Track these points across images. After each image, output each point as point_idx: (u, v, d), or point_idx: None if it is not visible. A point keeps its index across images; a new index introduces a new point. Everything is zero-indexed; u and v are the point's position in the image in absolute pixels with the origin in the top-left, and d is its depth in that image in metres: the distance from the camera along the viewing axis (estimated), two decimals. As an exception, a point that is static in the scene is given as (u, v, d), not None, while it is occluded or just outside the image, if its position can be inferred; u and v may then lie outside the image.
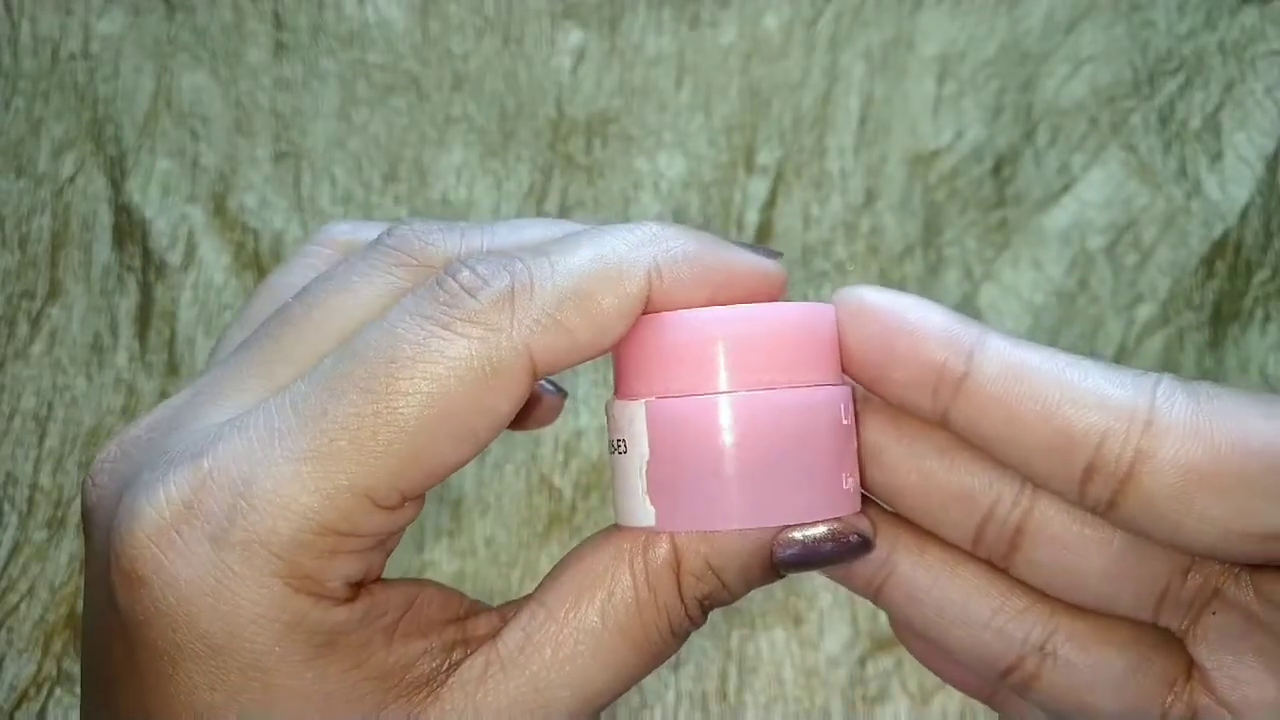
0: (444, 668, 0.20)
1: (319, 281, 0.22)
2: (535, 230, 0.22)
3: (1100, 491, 0.19)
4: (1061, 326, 0.47)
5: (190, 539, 0.18)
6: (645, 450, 0.20)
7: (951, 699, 0.43)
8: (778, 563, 0.20)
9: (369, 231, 0.24)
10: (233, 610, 0.18)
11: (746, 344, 0.20)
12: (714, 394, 0.20)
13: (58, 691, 0.43)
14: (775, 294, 0.22)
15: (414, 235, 0.22)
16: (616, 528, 0.21)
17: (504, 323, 0.19)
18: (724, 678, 0.44)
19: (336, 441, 0.18)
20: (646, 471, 0.20)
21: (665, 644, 0.21)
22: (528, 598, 0.21)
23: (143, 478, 0.19)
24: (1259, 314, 0.47)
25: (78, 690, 0.43)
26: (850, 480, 0.21)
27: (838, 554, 0.21)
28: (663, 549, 0.20)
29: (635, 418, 0.20)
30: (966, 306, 0.47)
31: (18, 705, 0.43)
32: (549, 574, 0.21)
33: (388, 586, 0.20)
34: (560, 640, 0.20)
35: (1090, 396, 0.19)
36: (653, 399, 0.20)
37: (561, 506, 0.45)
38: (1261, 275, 0.47)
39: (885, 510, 0.23)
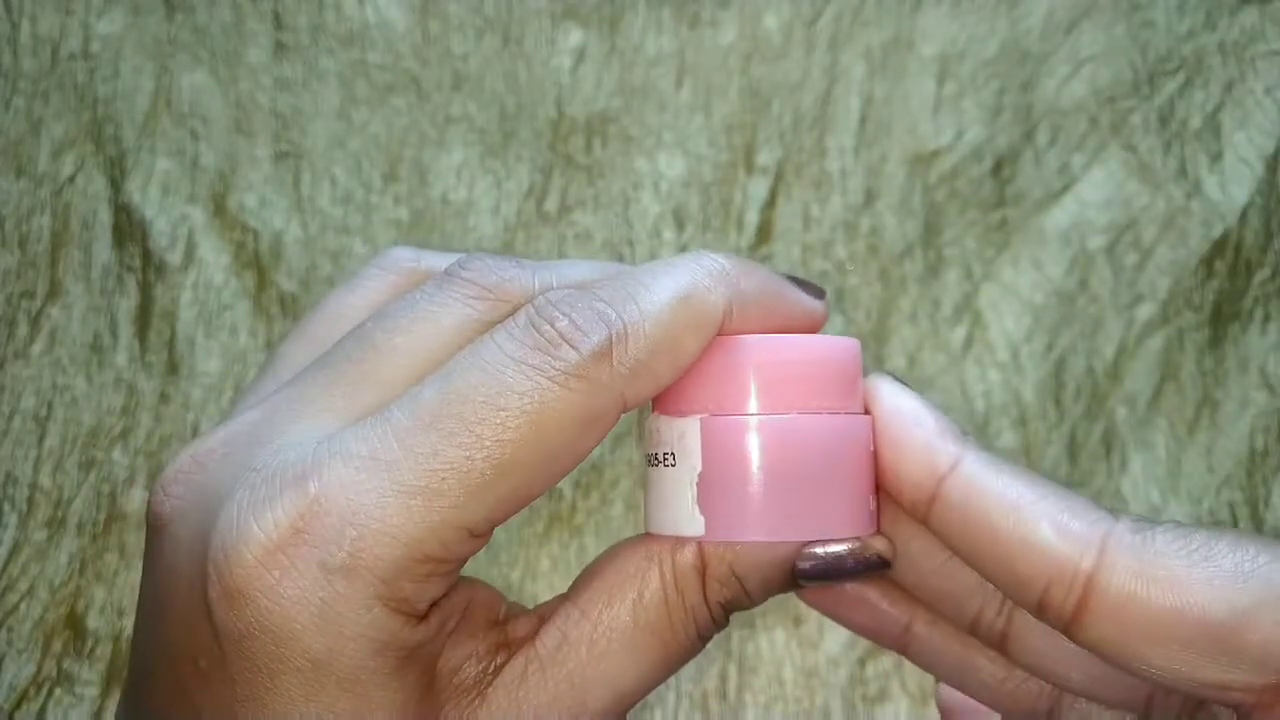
0: (489, 670, 0.21)
1: (397, 307, 0.22)
2: (599, 271, 0.23)
3: (1054, 622, 0.20)
4: (1061, 326, 0.47)
5: (299, 562, 0.19)
6: (698, 464, 0.22)
7: (951, 699, 0.43)
8: (798, 575, 0.22)
9: (432, 259, 0.25)
10: (336, 629, 0.19)
11: (796, 370, 0.22)
12: (766, 415, 0.22)
13: (57, 692, 0.43)
14: (817, 329, 0.23)
15: (489, 269, 0.22)
16: (647, 535, 0.22)
17: (604, 376, 0.20)
18: (724, 678, 0.44)
19: (446, 481, 0.19)
20: (698, 484, 0.22)
21: (691, 644, 0.22)
22: (561, 598, 0.22)
23: (239, 496, 0.20)
24: (1259, 314, 0.47)
25: (77, 690, 0.43)
26: (874, 501, 0.22)
27: (856, 570, 0.22)
28: (689, 553, 0.21)
29: (688, 432, 0.22)
30: (966, 306, 0.47)
31: (18, 705, 0.43)
32: (580, 576, 0.22)
33: (450, 594, 0.21)
34: (594, 639, 0.21)
35: (1040, 542, 0.20)
36: (707, 415, 0.22)
37: (561, 506, 0.45)
38: (1261, 275, 0.47)
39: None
